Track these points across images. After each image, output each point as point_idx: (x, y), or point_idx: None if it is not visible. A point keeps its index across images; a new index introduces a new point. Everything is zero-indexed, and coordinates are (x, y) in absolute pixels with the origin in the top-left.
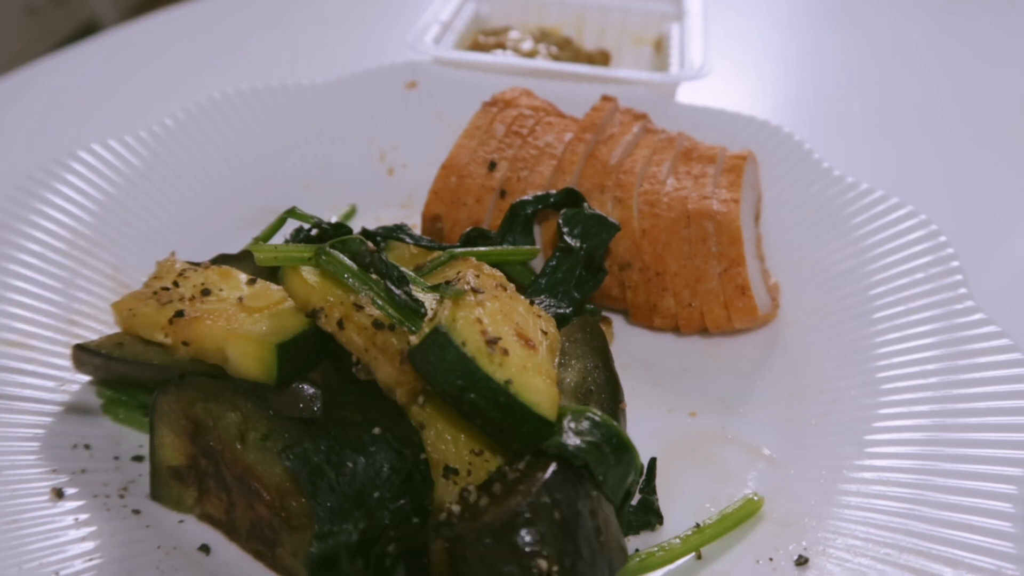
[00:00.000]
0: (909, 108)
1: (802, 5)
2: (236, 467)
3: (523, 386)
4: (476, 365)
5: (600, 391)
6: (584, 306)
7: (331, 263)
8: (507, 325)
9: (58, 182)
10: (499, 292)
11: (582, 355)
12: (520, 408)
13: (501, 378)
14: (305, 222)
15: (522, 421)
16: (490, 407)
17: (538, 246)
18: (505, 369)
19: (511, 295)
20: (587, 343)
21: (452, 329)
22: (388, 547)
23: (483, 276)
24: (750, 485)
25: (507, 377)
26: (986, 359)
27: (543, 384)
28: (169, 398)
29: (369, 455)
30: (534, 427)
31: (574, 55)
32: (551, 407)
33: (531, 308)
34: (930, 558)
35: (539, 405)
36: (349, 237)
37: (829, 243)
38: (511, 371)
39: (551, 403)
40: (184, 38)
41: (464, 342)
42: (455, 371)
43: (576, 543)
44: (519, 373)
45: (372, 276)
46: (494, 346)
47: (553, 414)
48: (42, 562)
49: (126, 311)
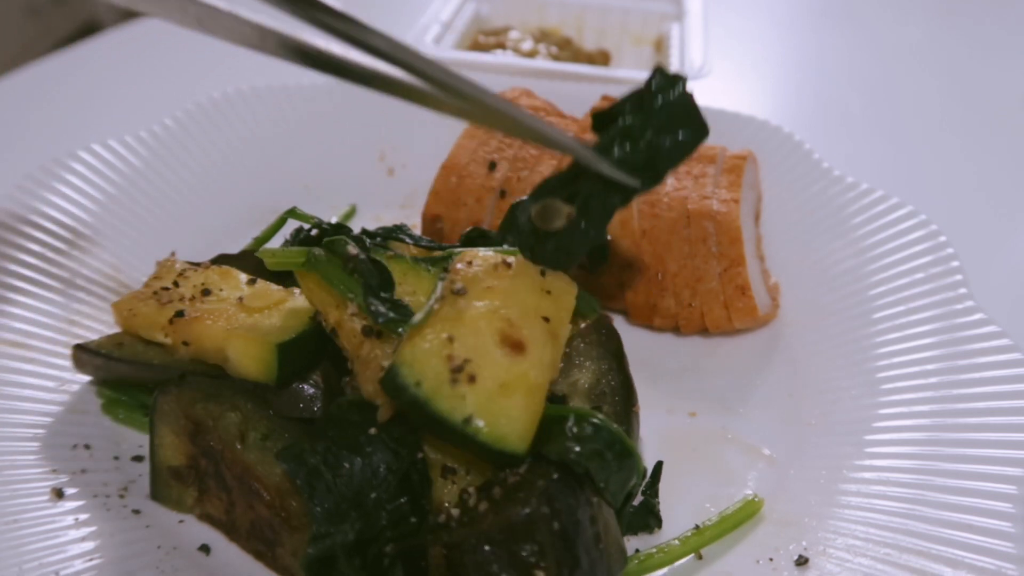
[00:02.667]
0: (909, 108)
1: (802, 5)
2: (236, 467)
3: (490, 416)
4: (430, 408)
5: (614, 394)
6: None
7: (319, 267)
8: (492, 328)
9: (58, 182)
10: (499, 273)
11: (597, 357)
12: (482, 445)
13: (460, 416)
14: (305, 222)
15: (488, 452)
16: (456, 440)
17: None
18: (468, 402)
19: (515, 272)
20: (602, 344)
21: (407, 366)
22: (386, 547)
23: (474, 264)
24: (750, 485)
25: (468, 413)
26: (986, 359)
27: (518, 409)
28: (169, 398)
29: (366, 456)
30: (503, 458)
31: (574, 55)
32: (521, 437)
33: (538, 283)
34: (930, 558)
35: (504, 440)
36: (335, 238)
37: (829, 243)
38: (476, 402)
39: (523, 431)
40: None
41: (419, 381)
42: (413, 409)
43: (575, 553)
44: (489, 401)
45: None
46: (459, 374)
47: (523, 444)
48: (42, 562)
49: (126, 311)
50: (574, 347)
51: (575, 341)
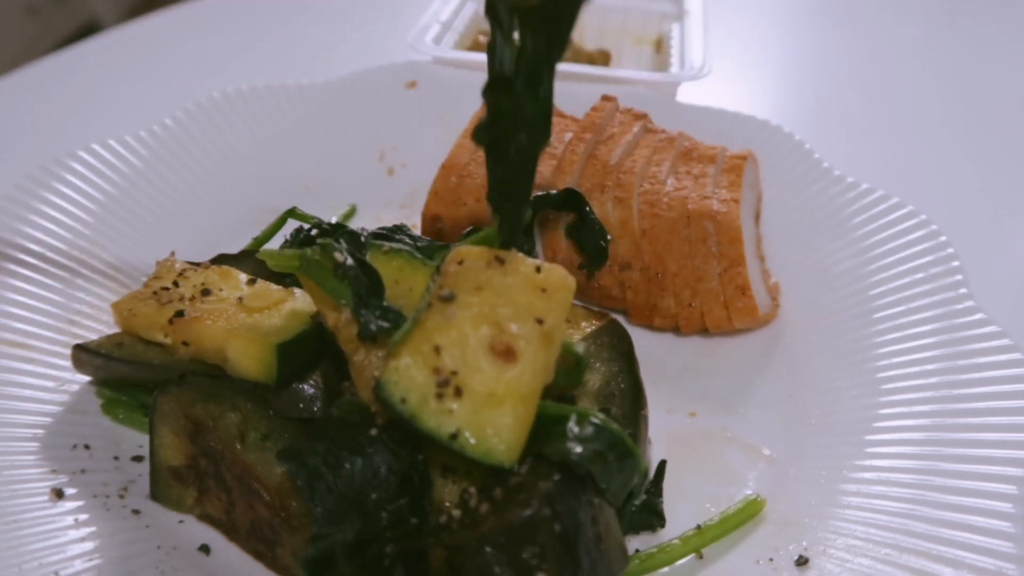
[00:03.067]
0: (909, 108)
1: (802, 5)
2: (236, 467)
3: (477, 430)
4: (415, 426)
5: (622, 396)
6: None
7: (312, 271)
8: (482, 333)
9: (58, 182)
10: (491, 271)
11: (608, 359)
12: (469, 459)
13: (447, 432)
14: (305, 222)
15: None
16: (446, 452)
17: (538, 246)
18: (455, 416)
19: (507, 270)
20: (613, 347)
21: (392, 383)
22: (386, 548)
23: (468, 260)
24: (750, 485)
25: (455, 428)
26: (986, 359)
27: (506, 421)
28: (169, 398)
29: (367, 456)
30: (492, 470)
31: (574, 55)
32: (509, 448)
33: (532, 281)
34: (930, 558)
35: (491, 453)
36: (326, 242)
37: (829, 243)
38: (463, 416)
39: (511, 443)
40: (184, 38)
41: (404, 398)
42: (402, 423)
43: (576, 555)
44: (476, 413)
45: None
46: (445, 388)
47: (512, 456)
48: (42, 562)
49: (126, 311)
50: (584, 349)
51: (586, 343)
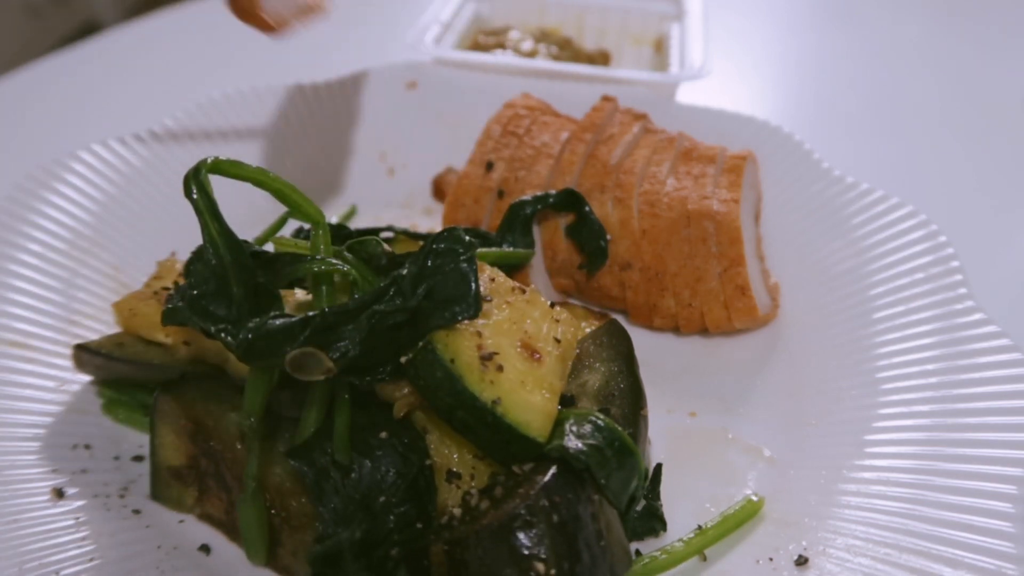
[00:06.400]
0: (909, 108)
1: (802, 5)
2: (236, 467)
3: (514, 404)
4: (463, 384)
5: (622, 396)
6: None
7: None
8: (513, 336)
9: (58, 182)
10: (515, 296)
11: (607, 359)
12: (507, 428)
13: (489, 397)
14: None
15: (510, 440)
16: (478, 425)
17: (537, 247)
18: (496, 387)
19: (528, 299)
20: (613, 347)
21: (442, 344)
22: (391, 551)
23: (496, 282)
24: (750, 485)
25: (496, 396)
26: (986, 359)
27: (539, 401)
28: (169, 398)
29: (375, 459)
30: (523, 447)
31: (574, 55)
32: (542, 426)
33: (548, 312)
34: (930, 558)
35: (528, 425)
36: (367, 238)
37: (829, 243)
38: (503, 388)
39: (543, 421)
40: (184, 38)
41: (453, 358)
42: (443, 388)
43: (575, 547)
44: (513, 390)
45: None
46: (488, 362)
47: (544, 433)
48: (42, 562)
49: (126, 311)
50: (584, 349)
51: (586, 343)
